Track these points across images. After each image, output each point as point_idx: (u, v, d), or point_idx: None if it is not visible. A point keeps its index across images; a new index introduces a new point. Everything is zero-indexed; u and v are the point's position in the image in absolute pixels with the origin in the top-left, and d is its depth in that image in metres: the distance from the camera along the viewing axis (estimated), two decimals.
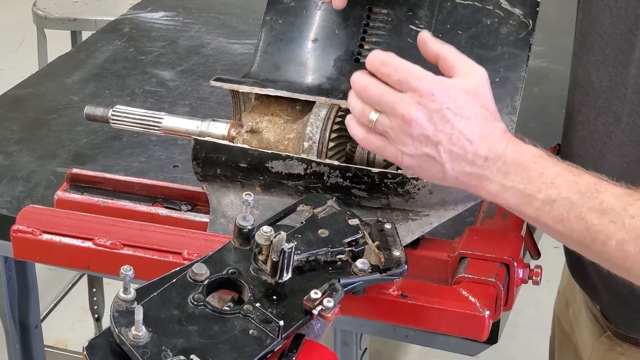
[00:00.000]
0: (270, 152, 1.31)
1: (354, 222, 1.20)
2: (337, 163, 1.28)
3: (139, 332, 1.00)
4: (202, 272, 1.10)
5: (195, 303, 1.07)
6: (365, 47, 1.38)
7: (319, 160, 1.29)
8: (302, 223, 1.20)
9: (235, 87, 1.37)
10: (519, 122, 1.31)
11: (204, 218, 1.36)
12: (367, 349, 1.66)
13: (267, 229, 1.10)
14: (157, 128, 1.40)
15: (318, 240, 1.16)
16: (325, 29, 1.40)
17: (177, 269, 1.11)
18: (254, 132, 1.34)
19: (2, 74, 4.47)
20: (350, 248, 1.16)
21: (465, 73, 1.10)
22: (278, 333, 1.04)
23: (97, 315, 2.96)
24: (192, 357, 1.00)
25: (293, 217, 1.23)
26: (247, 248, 1.14)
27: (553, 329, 1.59)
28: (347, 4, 1.34)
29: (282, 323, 1.04)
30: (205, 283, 1.09)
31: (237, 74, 1.44)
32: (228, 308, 1.08)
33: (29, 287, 1.85)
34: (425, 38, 1.14)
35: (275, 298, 1.08)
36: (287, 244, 1.08)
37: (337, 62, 1.39)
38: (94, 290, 2.92)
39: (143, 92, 2.06)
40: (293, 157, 1.29)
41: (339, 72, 1.38)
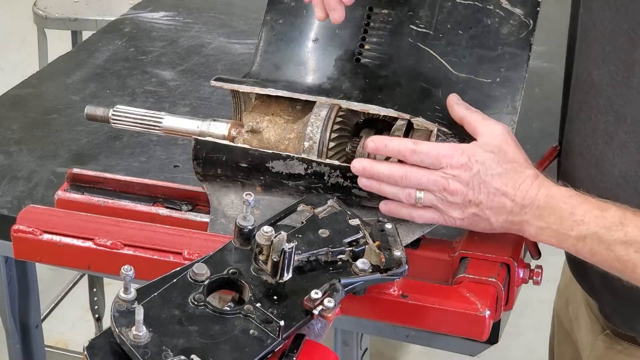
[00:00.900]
0: (271, 152, 1.31)
1: (355, 222, 1.20)
2: (337, 163, 1.28)
3: (140, 332, 1.00)
4: (202, 272, 1.10)
5: (196, 303, 1.06)
6: (366, 47, 1.38)
7: (320, 160, 1.29)
8: (302, 223, 1.20)
9: (236, 87, 1.37)
10: (520, 122, 1.31)
11: (205, 218, 1.36)
12: (367, 349, 1.66)
13: (267, 229, 1.10)
14: (157, 128, 1.40)
15: (319, 240, 1.16)
16: (326, 29, 1.40)
17: (177, 269, 1.11)
18: (255, 132, 1.34)
19: (2, 74, 4.46)
20: (351, 248, 1.16)
21: (487, 133, 1.22)
22: (279, 333, 1.04)
23: (97, 315, 2.96)
24: (192, 357, 1.00)
25: (294, 217, 1.23)
26: (247, 248, 1.14)
27: (553, 327, 1.60)
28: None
29: (282, 323, 1.04)
30: (206, 283, 1.09)
31: (237, 74, 1.44)
32: (228, 308, 1.08)
33: (30, 287, 1.85)
34: (452, 102, 1.28)
35: (276, 298, 1.08)
36: (287, 244, 1.08)
37: (337, 62, 1.39)
38: (95, 290, 2.92)
39: (143, 92, 2.05)
40: (293, 157, 1.29)
41: (340, 72, 1.38)
